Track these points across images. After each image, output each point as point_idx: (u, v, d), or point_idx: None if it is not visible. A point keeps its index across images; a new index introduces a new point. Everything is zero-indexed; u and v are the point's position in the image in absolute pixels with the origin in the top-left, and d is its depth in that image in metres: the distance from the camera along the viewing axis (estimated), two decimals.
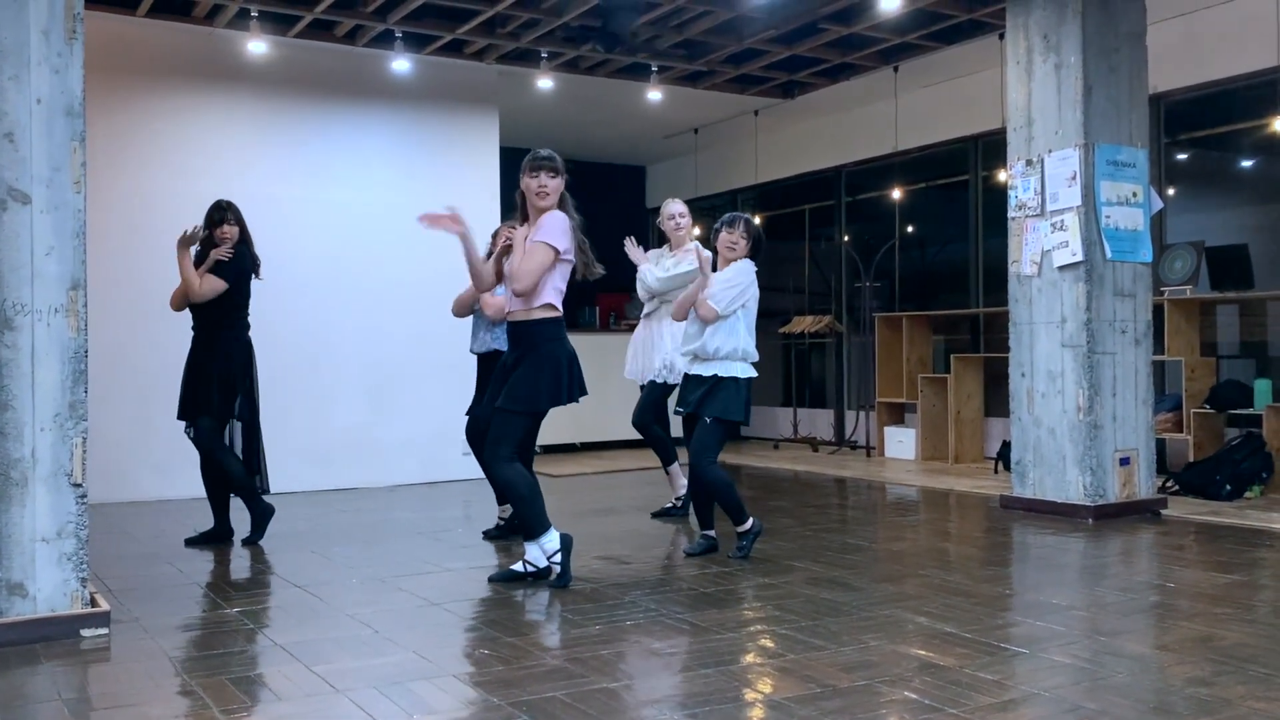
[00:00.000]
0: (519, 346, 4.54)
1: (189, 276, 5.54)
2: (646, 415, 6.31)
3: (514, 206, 4.75)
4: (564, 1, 7.28)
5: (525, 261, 4.44)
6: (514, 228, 4.68)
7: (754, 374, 5.15)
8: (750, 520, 5.14)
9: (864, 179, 10.55)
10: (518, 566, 4.67)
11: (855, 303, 10.44)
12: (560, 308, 4.56)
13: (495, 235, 5.48)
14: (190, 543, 5.71)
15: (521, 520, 4.62)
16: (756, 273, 5.20)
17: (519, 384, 4.48)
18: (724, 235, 5.22)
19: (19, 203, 3.81)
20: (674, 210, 6.37)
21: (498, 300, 5.27)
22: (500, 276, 4.73)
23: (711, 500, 5.20)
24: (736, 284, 5.07)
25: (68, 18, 3.90)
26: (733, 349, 5.06)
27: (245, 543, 5.71)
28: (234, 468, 5.64)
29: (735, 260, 5.19)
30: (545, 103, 9.55)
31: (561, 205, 4.56)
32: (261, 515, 5.74)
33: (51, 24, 3.87)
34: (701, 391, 5.09)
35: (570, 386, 4.54)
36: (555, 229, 4.46)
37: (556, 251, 4.45)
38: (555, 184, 4.52)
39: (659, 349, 6.26)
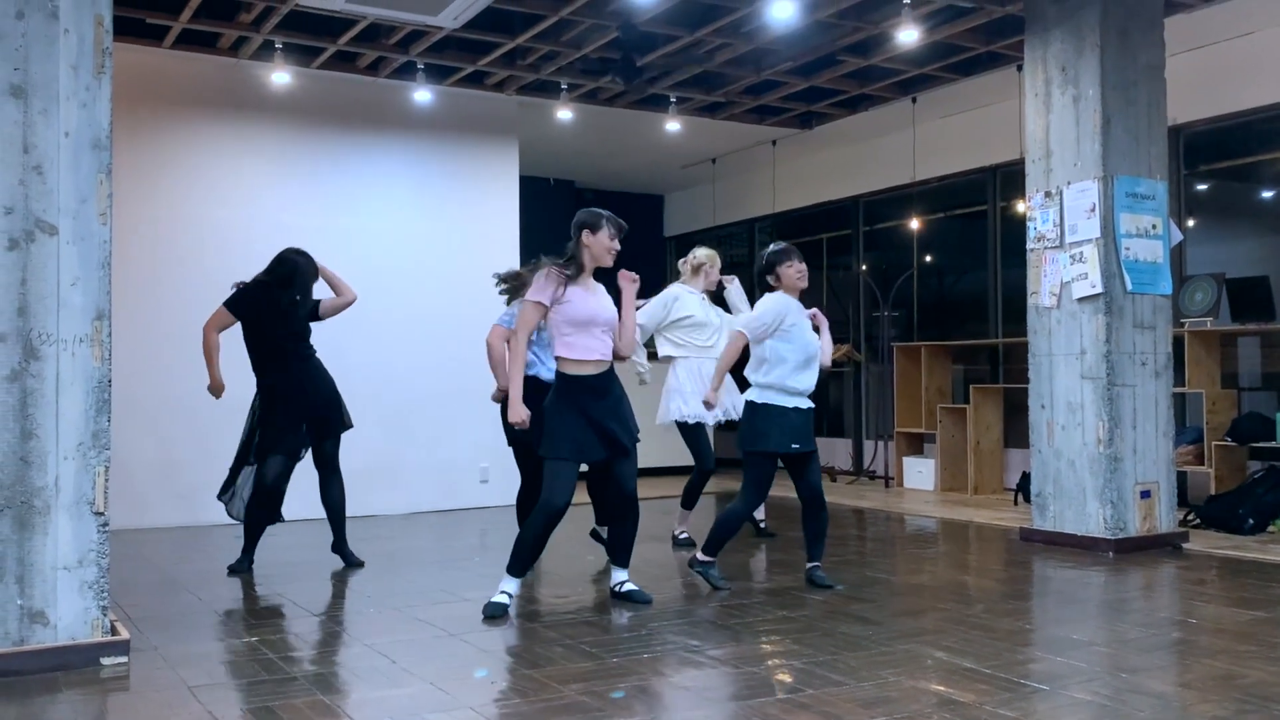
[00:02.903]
0: (613, 388, 4.75)
1: None
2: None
3: (532, 234, 4.90)
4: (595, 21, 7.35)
5: (633, 323, 4.90)
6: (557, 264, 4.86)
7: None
8: (713, 564, 5.22)
9: (882, 208, 10.56)
10: (631, 585, 4.92)
11: (873, 332, 10.43)
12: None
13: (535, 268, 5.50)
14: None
15: (516, 547, 4.70)
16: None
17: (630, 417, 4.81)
18: (796, 267, 5.20)
19: (46, 234, 3.87)
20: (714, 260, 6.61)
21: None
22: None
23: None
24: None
25: (97, 53, 3.96)
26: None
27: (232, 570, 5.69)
28: (275, 482, 5.76)
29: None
30: (564, 133, 9.62)
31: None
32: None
33: (81, 59, 3.93)
34: (809, 427, 5.24)
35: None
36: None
37: None
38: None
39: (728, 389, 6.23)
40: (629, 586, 4.91)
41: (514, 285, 5.76)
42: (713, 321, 6.46)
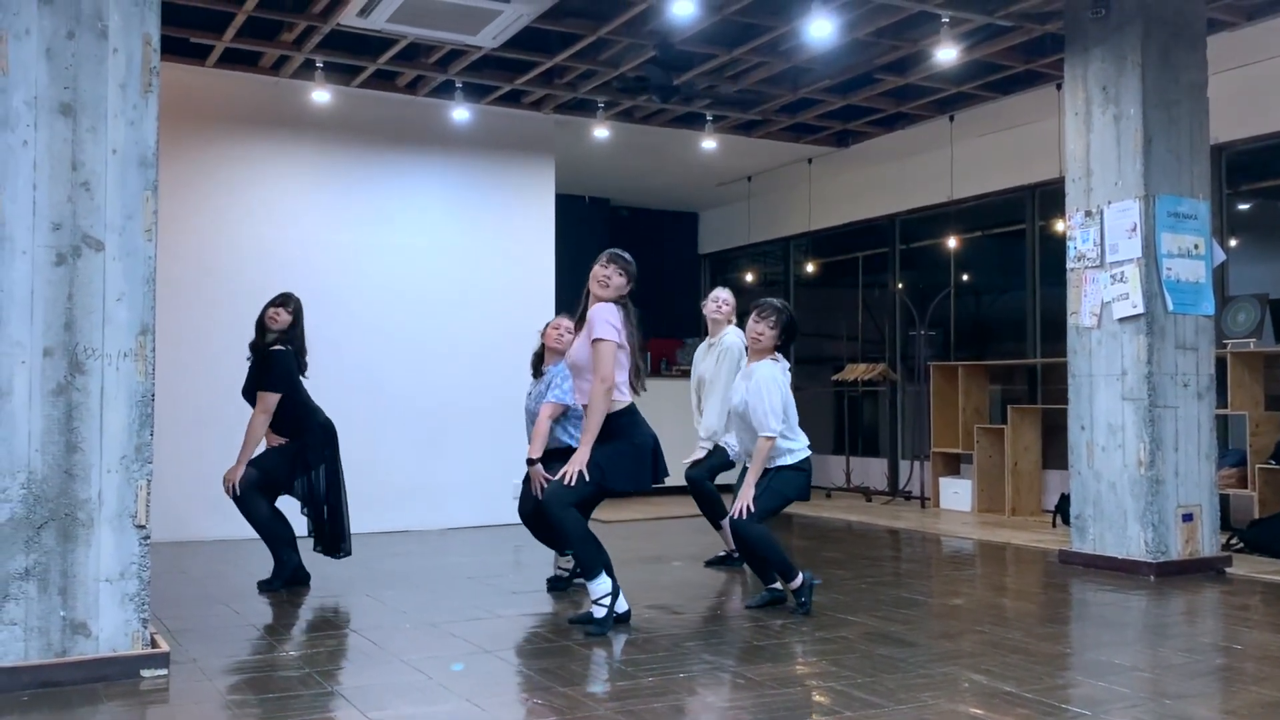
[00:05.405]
0: (602, 436, 4.63)
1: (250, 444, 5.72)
2: (704, 472, 6.34)
3: (567, 252, 4.88)
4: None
5: (599, 365, 4.55)
6: (564, 319, 4.94)
7: (805, 454, 5.17)
8: (800, 576, 5.05)
9: (919, 227, 10.52)
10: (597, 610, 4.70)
11: (909, 351, 10.36)
12: (626, 395, 4.69)
13: (545, 331, 5.69)
14: (265, 587, 5.67)
15: (578, 559, 4.66)
16: (799, 335, 5.19)
17: (602, 456, 4.61)
18: (750, 324, 5.20)
19: (93, 249, 3.92)
20: (718, 295, 6.55)
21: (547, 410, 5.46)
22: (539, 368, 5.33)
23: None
24: (773, 400, 5.04)
25: (144, 72, 4.03)
26: (775, 447, 5.08)
27: (262, 587, 5.66)
28: (259, 514, 5.67)
29: (762, 350, 5.16)
30: (601, 151, 9.66)
31: (621, 305, 4.71)
32: (284, 567, 5.70)
33: (129, 78, 4.00)
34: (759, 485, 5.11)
35: (652, 470, 4.73)
36: (603, 322, 4.59)
37: (614, 342, 4.59)
38: (619, 281, 4.69)
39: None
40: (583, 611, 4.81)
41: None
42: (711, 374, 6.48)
